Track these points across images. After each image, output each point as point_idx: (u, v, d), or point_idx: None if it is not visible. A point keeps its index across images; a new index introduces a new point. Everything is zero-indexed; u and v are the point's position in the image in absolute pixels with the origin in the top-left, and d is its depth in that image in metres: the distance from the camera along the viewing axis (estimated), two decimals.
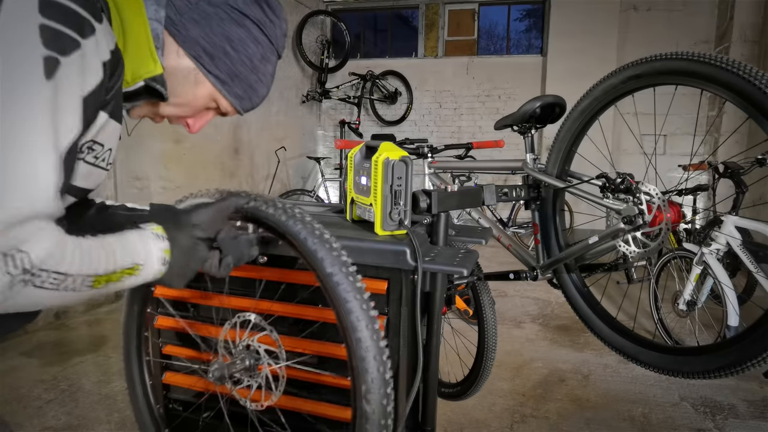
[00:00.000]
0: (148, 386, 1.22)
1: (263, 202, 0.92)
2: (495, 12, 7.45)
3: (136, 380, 1.21)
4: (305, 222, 0.89)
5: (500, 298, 3.97)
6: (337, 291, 0.84)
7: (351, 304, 0.84)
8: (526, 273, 1.76)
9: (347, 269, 0.86)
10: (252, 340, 1.03)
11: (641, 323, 3.30)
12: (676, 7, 6.33)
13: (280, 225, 0.89)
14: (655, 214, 1.33)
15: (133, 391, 1.22)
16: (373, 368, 0.84)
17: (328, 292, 0.85)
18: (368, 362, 0.84)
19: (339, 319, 0.85)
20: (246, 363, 1.02)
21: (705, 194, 4.19)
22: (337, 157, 7.01)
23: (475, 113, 7.20)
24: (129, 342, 1.21)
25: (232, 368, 1.01)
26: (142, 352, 1.21)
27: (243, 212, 0.92)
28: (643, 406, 2.36)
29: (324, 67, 6.94)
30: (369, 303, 0.86)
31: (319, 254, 0.86)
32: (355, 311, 0.84)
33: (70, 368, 2.63)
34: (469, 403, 2.17)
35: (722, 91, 1.15)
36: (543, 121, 1.71)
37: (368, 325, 0.84)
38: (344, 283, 0.85)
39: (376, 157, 1.09)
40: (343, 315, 0.84)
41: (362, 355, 0.83)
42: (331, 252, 0.86)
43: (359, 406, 0.84)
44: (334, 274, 0.85)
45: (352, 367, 0.84)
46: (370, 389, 0.84)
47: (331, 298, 0.85)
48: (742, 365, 1.17)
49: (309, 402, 1.09)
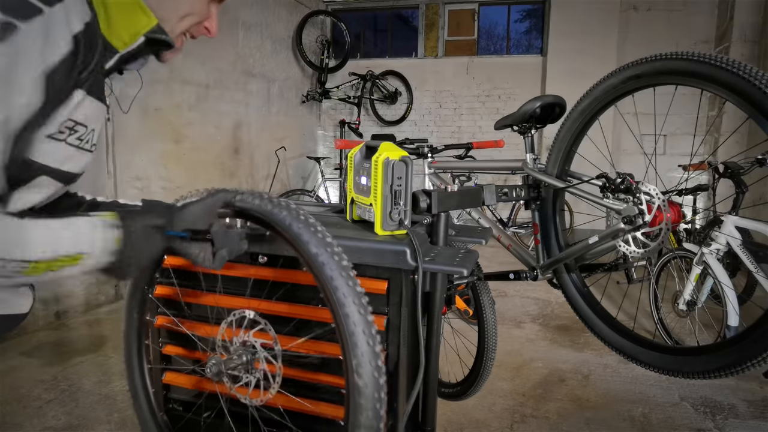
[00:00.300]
0: (151, 394, 1.21)
1: (250, 195, 0.92)
2: (495, 12, 7.45)
3: (139, 388, 1.21)
4: (290, 209, 0.90)
5: (500, 298, 3.97)
6: (324, 270, 0.85)
7: (336, 281, 0.85)
8: (526, 273, 1.76)
9: (333, 248, 0.87)
10: (248, 336, 1.04)
11: (641, 323, 3.30)
12: (676, 7, 6.33)
13: (266, 214, 0.89)
14: (655, 214, 1.33)
15: (137, 400, 1.22)
16: (362, 342, 0.84)
17: (314, 271, 0.86)
18: (357, 336, 0.84)
19: (327, 299, 0.85)
20: (243, 359, 1.02)
21: (705, 194, 4.19)
22: (337, 157, 7.01)
23: (475, 113, 7.20)
24: (130, 349, 1.20)
25: (229, 364, 1.01)
26: (143, 360, 1.21)
27: (231, 206, 0.92)
28: (643, 406, 2.36)
29: (324, 67, 6.94)
30: (356, 281, 0.86)
31: (304, 237, 0.87)
32: (341, 288, 0.84)
33: (70, 368, 2.63)
34: (469, 403, 2.17)
35: (722, 91, 1.15)
36: (543, 121, 1.71)
37: (355, 300, 0.84)
38: (330, 263, 0.85)
39: (376, 157, 1.09)
40: (330, 292, 0.85)
41: (351, 330, 0.83)
42: (316, 234, 0.87)
43: (351, 380, 0.84)
44: (319, 254, 0.86)
45: (342, 341, 0.84)
46: (360, 363, 0.83)
47: (321, 282, 0.86)
48: (742, 365, 1.17)
49: (306, 401, 1.09)
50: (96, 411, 2.22)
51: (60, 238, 0.65)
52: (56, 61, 0.61)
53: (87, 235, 0.69)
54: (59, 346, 2.93)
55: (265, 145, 6.06)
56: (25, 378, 2.51)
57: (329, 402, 1.08)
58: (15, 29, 0.57)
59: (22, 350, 2.85)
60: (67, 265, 0.66)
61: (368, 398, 0.83)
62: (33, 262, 0.61)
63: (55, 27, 0.61)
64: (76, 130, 0.70)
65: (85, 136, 0.73)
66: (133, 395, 1.22)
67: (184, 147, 4.64)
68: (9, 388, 2.40)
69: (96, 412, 2.21)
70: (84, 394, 2.36)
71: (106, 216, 0.72)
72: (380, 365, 0.85)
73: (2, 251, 0.58)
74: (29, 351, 2.85)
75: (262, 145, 6.02)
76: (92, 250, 0.69)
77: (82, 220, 0.69)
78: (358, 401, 0.83)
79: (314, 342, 1.07)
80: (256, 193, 0.93)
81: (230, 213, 0.91)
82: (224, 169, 5.43)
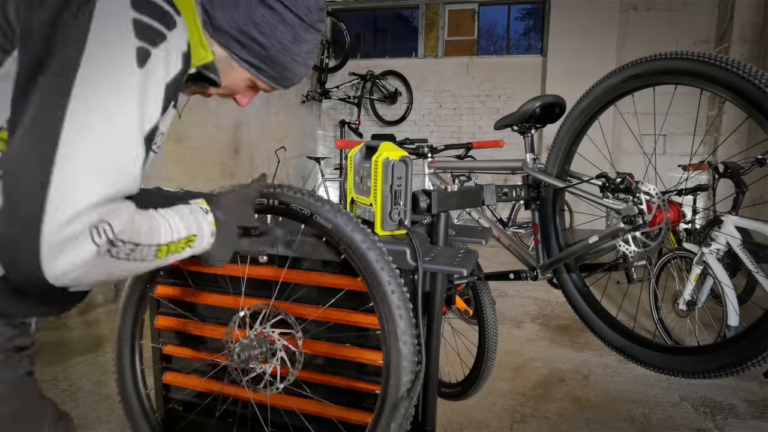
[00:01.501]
0: (144, 395, 1.21)
1: (287, 188, 1.00)
2: (495, 12, 7.45)
3: (130, 390, 1.20)
4: (330, 204, 0.99)
5: (500, 298, 3.97)
6: (367, 257, 0.95)
7: (382, 273, 0.96)
8: (526, 273, 1.76)
9: (375, 242, 0.98)
10: (266, 326, 1.05)
11: (641, 323, 3.30)
12: (676, 7, 6.34)
13: (307, 205, 0.99)
14: (655, 213, 1.33)
15: (128, 403, 1.20)
16: (405, 312, 0.96)
17: (357, 261, 0.97)
18: (402, 310, 0.95)
19: (368, 282, 0.97)
20: (263, 347, 1.04)
21: (705, 194, 4.18)
22: (337, 157, 7.02)
23: (475, 113, 7.20)
24: (122, 350, 1.19)
25: (252, 350, 1.02)
26: (136, 361, 1.20)
27: (267, 196, 0.99)
28: (643, 406, 2.36)
29: (324, 67, 6.94)
30: (396, 271, 0.98)
31: (348, 227, 0.97)
32: (384, 277, 0.95)
33: (70, 368, 2.63)
34: (469, 403, 2.17)
35: (722, 91, 1.15)
36: (543, 121, 1.71)
37: (390, 274, 0.97)
38: (373, 250, 0.96)
39: (376, 157, 1.09)
40: (373, 279, 0.96)
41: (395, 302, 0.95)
42: (357, 225, 0.97)
43: (394, 347, 0.96)
44: (363, 241, 0.96)
45: (384, 314, 0.96)
46: (405, 331, 0.95)
47: (361, 266, 0.97)
48: (742, 365, 1.17)
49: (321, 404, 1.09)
50: (96, 411, 2.22)
51: (176, 223, 0.72)
52: (172, 77, 0.69)
53: (195, 218, 0.77)
54: (59, 346, 2.92)
55: (265, 145, 6.06)
56: None
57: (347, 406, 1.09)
58: (149, 55, 0.65)
59: None
60: (185, 245, 0.74)
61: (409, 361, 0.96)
62: (161, 245, 0.68)
63: (173, 49, 0.69)
64: (157, 136, 0.76)
65: (157, 140, 0.79)
66: (123, 398, 1.20)
67: (184, 147, 4.64)
68: None
69: (96, 412, 2.21)
70: (84, 394, 2.36)
71: (200, 202, 0.81)
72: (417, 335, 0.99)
73: (142, 238, 0.65)
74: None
75: (262, 145, 6.03)
76: (200, 232, 0.77)
77: (186, 207, 0.77)
78: (401, 365, 0.96)
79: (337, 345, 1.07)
80: (292, 187, 1.01)
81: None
82: (224, 169, 5.43)
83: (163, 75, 0.68)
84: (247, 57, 0.83)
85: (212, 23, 0.80)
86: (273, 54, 0.83)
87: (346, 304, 1.05)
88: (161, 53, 0.67)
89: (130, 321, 1.18)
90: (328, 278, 1.06)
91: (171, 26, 0.69)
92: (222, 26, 0.80)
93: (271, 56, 0.83)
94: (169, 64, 0.68)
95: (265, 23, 0.81)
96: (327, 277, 1.07)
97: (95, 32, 0.62)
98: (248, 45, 0.82)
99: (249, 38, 0.81)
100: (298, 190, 1.02)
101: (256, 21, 0.80)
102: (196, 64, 0.79)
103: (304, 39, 0.85)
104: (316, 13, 0.85)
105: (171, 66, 0.69)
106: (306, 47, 0.86)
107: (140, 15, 0.65)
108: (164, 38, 0.67)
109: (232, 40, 0.81)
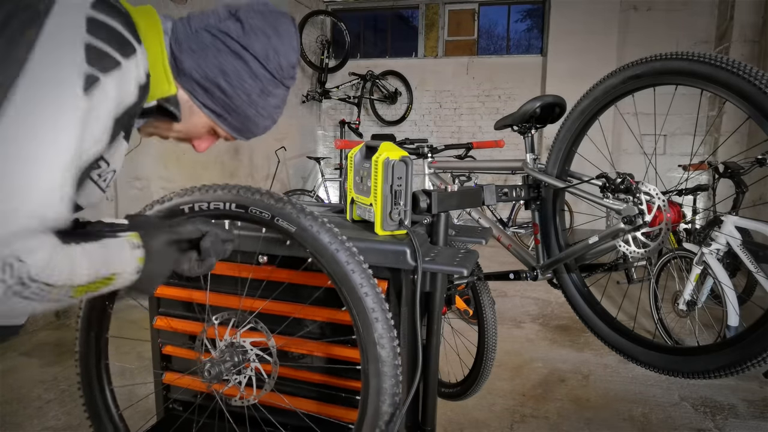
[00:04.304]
0: (115, 416, 1.17)
1: (244, 189, 0.98)
2: (495, 12, 7.45)
3: (101, 410, 1.16)
4: (292, 204, 0.96)
5: (500, 298, 3.97)
6: (336, 259, 0.93)
7: (353, 276, 0.93)
8: (526, 273, 1.76)
9: (344, 242, 0.95)
10: (236, 336, 1.04)
11: (641, 323, 3.30)
12: (676, 7, 6.33)
13: (267, 208, 0.96)
14: (655, 214, 1.33)
15: (99, 423, 1.16)
16: (382, 317, 0.92)
17: (326, 265, 0.94)
18: (377, 312, 0.92)
19: (341, 284, 0.94)
20: (235, 359, 1.03)
21: (705, 194, 4.18)
22: (337, 157, 7.01)
23: (475, 113, 7.20)
24: (89, 372, 1.15)
25: (224, 365, 1.01)
26: (104, 382, 1.16)
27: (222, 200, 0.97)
28: (643, 406, 2.36)
29: (324, 67, 6.94)
30: (369, 272, 0.95)
31: (314, 229, 0.94)
32: (356, 279, 0.92)
33: (70, 368, 2.63)
34: (469, 403, 2.17)
35: (722, 91, 1.15)
36: (543, 121, 1.70)
37: (364, 275, 0.94)
38: (342, 251, 0.93)
39: (376, 157, 1.09)
40: (344, 282, 0.93)
41: (371, 305, 0.92)
42: (323, 225, 0.95)
43: (372, 351, 0.92)
44: (337, 249, 0.93)
45: (359, 319, 0.93)
46: (383, 335, 0.92)
47: (330, 270, 0.94)
48: (742, 365, 1.17)
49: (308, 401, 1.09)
50: None
51: (98, 261, 0.66)
52: (124, 109, 0.66)
53: (119, 255, 0.71)
54: (59, 346, 2.93)
55: (265, 145, 6.06)
56: (25, 378, 2.51)
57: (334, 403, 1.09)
58: (97, 82, 0.61)
59: (23, 350, 2.85)
60: (102, 286, 0.68)
61: (390, 366, 0.93)
62: (77, 286, 0.63)
63: (128, 78, 0.66)
64: (99, 165, 0.73)
65: (105, 174, 0.75)
66: (92, 419, 1.16)
67: (184, 147, 4.62)
68: (9, 388, 2.40)
69: None
70: None
71: (130, 236, 0.75)
72: (395, 337, 0.95)
73: (59, 280, 0.60)
74: (29, 351, 2.85)
75: (262, 145, 6.02)
76: (123, 269, 0.71)
77: (113, 241, 0.71)
78: (381, 369, 0.92)
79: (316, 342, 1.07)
80: (250, 188, 0.98)
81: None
82: (224, 169, 5.43)
83: (113, 104, 0.64)
84: (210, 104, 0.80)
85: (178, 66, 0.77)
86: (237, 104, 0.81)
87: (323, 303, 1.05)
88: (111, 82, 0.63)
89: (93, 340, 1.13)
90: (301, 277, 1.06)
91: (128, 54, 0.65)
92: (188, 71, 0.77)
93: (235, 106, 0.81)
94: (121, 94, 0.65)
95: (234, 73, 0.78)
96: (302, 275, 1.06)
97: (41, 52, 0.59)
98: (213, 92, 0.79)
99: (215, 86, 0.79)
100: (255, 191, 0.97)
101: (224, 70, 0.78)
102: (157, 96, 0.76)
103: (272, 93, 0.83)
104: (288, 70, 0.83)
105: (123, 96, 0.66)
106: (273, 101, 0.84)
107: (95, 40, 0.62)
108: (118, 66, 0.64)
109: (197, 86, 0.78)
